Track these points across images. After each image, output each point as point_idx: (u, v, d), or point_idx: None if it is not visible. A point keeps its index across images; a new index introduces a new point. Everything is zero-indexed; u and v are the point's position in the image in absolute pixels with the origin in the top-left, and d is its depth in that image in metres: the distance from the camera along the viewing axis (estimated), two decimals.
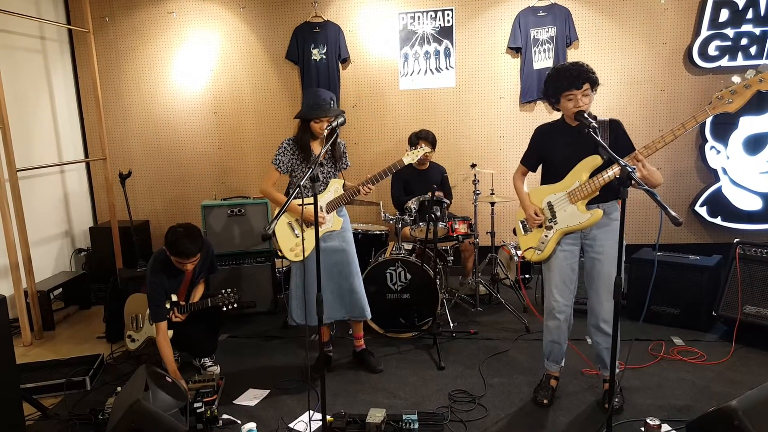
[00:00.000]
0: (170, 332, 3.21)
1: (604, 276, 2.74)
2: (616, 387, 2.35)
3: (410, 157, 3.10)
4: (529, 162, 2.97)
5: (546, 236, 2.82)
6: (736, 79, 2.46)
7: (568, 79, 2.60)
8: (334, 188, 3.15)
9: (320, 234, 3.07)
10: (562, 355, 2.97)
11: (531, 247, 2.87)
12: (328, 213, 3.14)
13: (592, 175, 2.68)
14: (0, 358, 2.50)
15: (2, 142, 3.91)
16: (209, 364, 3.45)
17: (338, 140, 3.15)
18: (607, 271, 2.73)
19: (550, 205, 2.81)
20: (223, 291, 3.27)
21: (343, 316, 3.29)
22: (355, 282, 3.23)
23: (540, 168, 2.96)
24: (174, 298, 3.25)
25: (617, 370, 2.39)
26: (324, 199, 3.13)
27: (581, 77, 2.60)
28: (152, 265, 3.21)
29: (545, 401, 2.88)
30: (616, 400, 2.85)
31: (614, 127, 2.73)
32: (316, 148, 3.17)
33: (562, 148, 2.78)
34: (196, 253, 3.12)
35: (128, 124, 5.42)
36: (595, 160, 2.69)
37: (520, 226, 2.99)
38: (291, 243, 3.17)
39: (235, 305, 3.25)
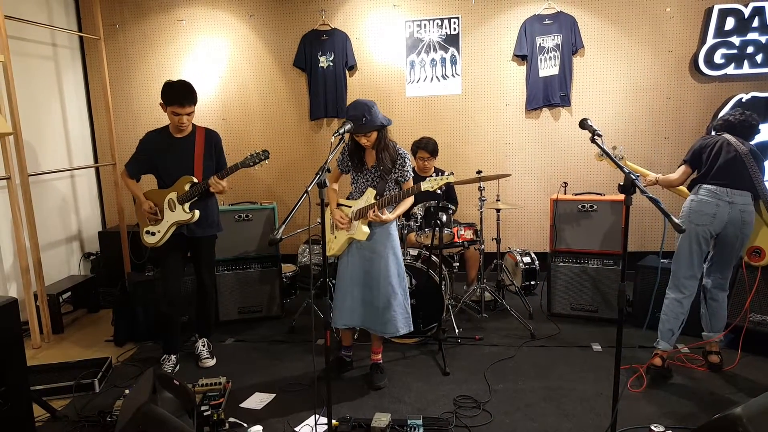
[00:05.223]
0: (197, 213, 3.32)
1: None
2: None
3: (429, 184, 2.90)
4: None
5: None
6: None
7: None
8: (366, 197, 3.08)
9: (343, 241, 3.14)
10: None
11: None
12: (355, 220, 3.09)
13: None
14: (11, 360, 2.54)
15: (14, 147, 3.97)
16: (205, 355, 3.59)
17: (397, 149, 3.09)
18: None
19: None
20: (250, 153, 3.28)
21: (358, 324, 3.25)
22: (378, 296, 3.12)
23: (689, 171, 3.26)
24: (194, 179, 3.32)
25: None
26: (356, 205, 3.12)
27: None
28: (146, 134, 3.42)
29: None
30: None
31: None
32: (370, 156, 3.13)
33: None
34: (190, 100, 3.23)
35: (137, 130, 5.44)
36: None
37: None
38: (328, 238, 3.26)
39: (265, 161, 3.26)
